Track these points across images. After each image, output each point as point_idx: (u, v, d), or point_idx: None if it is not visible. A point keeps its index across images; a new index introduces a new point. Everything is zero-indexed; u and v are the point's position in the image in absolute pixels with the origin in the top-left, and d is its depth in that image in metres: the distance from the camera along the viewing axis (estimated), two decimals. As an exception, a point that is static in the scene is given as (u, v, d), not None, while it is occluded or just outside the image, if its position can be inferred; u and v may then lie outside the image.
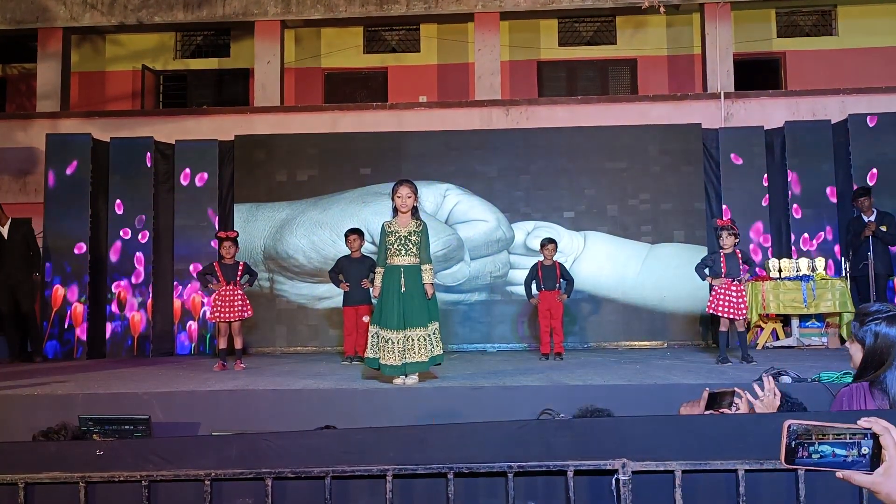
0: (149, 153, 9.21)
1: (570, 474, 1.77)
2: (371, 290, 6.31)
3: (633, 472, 1.76)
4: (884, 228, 7.94)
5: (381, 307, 5.66)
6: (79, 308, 8.75)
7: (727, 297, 6.65)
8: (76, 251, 8.82)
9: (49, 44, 10.93)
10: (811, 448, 1.21)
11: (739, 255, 6.78)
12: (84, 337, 8.72)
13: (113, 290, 9.00)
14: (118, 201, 9.14)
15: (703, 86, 10.60)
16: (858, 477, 1.21)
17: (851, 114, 8.96)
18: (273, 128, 10.02)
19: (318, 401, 5.26)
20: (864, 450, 1.20)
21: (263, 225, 9.48)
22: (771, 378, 2.59)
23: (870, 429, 1.21)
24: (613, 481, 1.77)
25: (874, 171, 8.64)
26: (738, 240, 6.86)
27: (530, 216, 9.38)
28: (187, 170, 9.34)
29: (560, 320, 7.47)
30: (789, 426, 1.22)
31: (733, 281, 6.66)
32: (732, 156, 9.11)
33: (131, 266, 9.04)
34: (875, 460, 1.20)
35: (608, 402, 3.39)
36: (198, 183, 9.34)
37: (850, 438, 1.21)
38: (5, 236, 8.36)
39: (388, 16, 11.02)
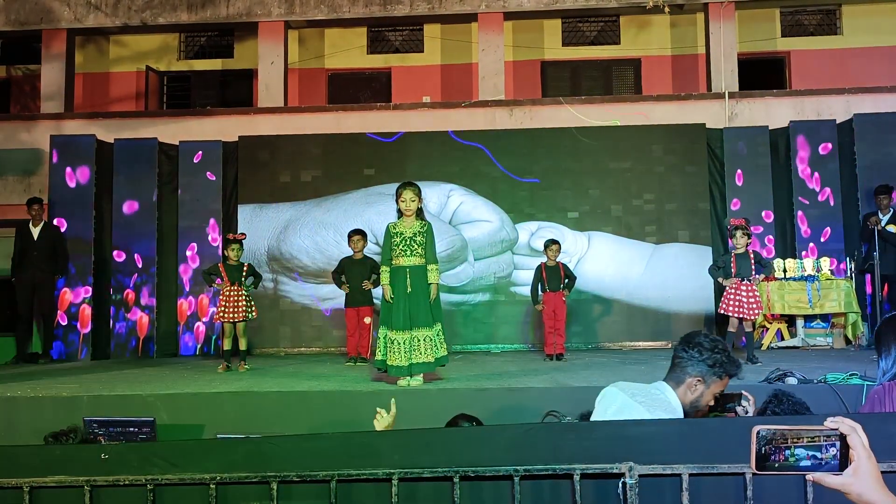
0: (153, 154, 9.23)
1: (577, 478, 1.76)
2: (378, 290, 6.33)
3: (640, 476, 1.75)
4: (892, 229, 7.87)
5: (389, 309, 5.66)
6: (84, 310, 8.77)
7: (737, 298, 6.62)
8: (80, 252, 8.84)
9: (53, 45, 10.93)
10: (787, 452, 1.19)
11: (752, 256, 6.76)
12: (89, 338, 8.74)
13: (117, 292, 9.01)
14: (122, 202, 9.16)
15: (708, 85, 10.57)
16: (829, 479, 1.20)
17: (856, 113, 8.93)
18: (277, 128, 10.02)
19: (322, 402, 5.26)
20: (833, 451, 1.19)
21: (267, 226, 9.48)
22: None
23: (836, 429, 1.19)
24: (620, 485, 1.76)
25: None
26: (750, 240, 6.84)
27: (534, 217, 9.37)
28: (191, 170, 9.36)
29: (564, 321, 7.47)
30: (758, 432, 1.20)
31: (743, 281, 6.64)
32: (737, 156, 9.11)
33: (135, 267, 9.04)
34: (844, 460, 1.19)
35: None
36: (201, 184, 9.35)
37: (825, 440, 1.19)
38: (35, 237, 8.40)
39: (392, 16, 10.99)
